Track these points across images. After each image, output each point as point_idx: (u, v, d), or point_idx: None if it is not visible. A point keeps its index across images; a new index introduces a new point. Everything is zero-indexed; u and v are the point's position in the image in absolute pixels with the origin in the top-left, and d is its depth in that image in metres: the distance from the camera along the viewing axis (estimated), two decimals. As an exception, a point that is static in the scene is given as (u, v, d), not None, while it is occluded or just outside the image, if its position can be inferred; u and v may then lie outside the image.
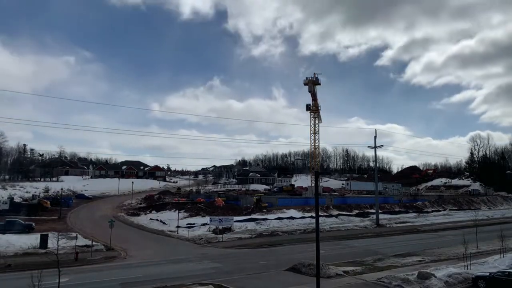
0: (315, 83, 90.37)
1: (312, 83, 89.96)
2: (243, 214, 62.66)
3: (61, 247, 26.25)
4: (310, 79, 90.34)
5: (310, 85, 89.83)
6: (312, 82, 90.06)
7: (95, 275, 27.96)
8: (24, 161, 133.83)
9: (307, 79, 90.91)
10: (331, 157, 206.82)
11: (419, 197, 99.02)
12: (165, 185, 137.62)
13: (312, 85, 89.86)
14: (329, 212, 68.27)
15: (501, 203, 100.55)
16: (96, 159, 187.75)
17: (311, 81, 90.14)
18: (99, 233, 46.85)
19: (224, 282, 25.22)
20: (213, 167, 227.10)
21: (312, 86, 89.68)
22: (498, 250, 34.42)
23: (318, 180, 22.71)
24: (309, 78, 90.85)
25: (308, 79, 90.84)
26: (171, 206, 73.28)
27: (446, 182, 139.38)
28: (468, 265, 28.72)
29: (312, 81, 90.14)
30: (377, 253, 36.42)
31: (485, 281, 24.26)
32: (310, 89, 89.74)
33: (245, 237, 48.39)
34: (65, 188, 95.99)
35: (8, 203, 64.73)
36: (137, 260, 34.63)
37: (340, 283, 25.52)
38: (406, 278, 25.09)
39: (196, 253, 38.30)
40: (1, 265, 30.59)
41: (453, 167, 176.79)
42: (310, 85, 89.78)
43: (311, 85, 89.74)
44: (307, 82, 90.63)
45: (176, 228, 52.93)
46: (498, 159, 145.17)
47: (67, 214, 65.97)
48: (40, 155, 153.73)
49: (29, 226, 47.83)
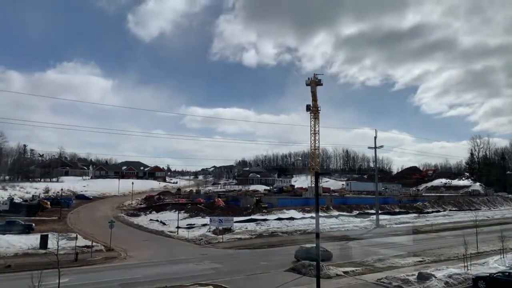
0: (317, 84, 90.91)
1: (315, 84, 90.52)
2: (243, 215, 62.62)
3: (61, 247, 26.11)
4: (313, 80, 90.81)
5: (312, 86, 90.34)
6: (315, 83, 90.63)
7: (95, 275, 27.96)
8: (24, 161, 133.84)
9: (309, 80, 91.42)
10: (331, 158, 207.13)
11: (419, 197, 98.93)
12: (165, 185, 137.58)
13: (314, 85, 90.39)
14: (329, 213, 68.26)
15: (501, 203, 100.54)
16: (96, 160, 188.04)
17: (314, 82, 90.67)
18: (99, 234, 46.80)
19: (224, 282, 25.24)
20: (213, 167, 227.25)
21: (314, 87, 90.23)
22: (498, 251, 34.50)
23: (318, 181, 22.71)
24: (311, 78, 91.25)
25: (310, 79, 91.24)
26: (171, 206, 73.25)
27: (446, 182, 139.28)
28: (468, 265, 28.74)
29: (315, 82, 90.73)
30: (377, 253, 36.38)
31: (485, 282, 24.27)
32: (313, 89, 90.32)
33: (245, 238, 48.35)
34: (65, 188, 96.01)
35: (8, 203, 64.71)
36: (137, 260, 34.61)
37: (340, 284, 25.54)
38: (406, 279, 25.11)
39: (196, 253, 38.28)
40: (1, 266, 30.56)
41: (453, 168, 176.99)
42: (313, 85, 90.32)
43: (314, 86, 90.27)
44: (310, 82, 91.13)
45: (176, 229, 52.85)
46: (498, 159, 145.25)
47: (67, 215, 65.90)
48: (40, 156, 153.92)
49: (29, 226, 47.76)
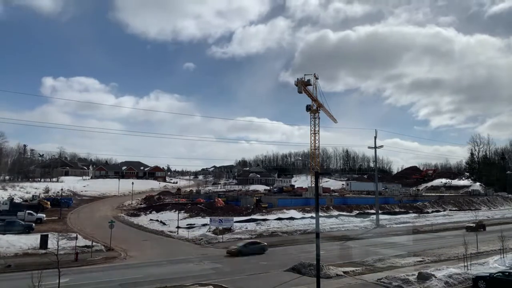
0: (306, 84, 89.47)
1: (302, 84, 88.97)
2: (243, 215, 62.61)
3: (61, 247, 26.18)
4: (300, 80, 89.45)
5: (300, 86, 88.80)
6: (303, 84, 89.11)
7: (95, 275, 27.96)
8: (24, 161, 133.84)
9: (298, 80, 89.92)
10: (331, 158, 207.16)
11: (419, 197, 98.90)
12: (165, 185, 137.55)
13: (302, 86, 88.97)
14: (329, 213, 68.24)
15: (501, 203, 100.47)
16: (96, 160, 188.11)
17: (301, 82, 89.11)
18: (99, 234, 46.80)
19: (224, 282, 25.23)
20: (213, 167, 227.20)
21: (301, 87, 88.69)
22: (498, 251, 34.45)
23: (318, 181, 22.72)
24: (299, 79, 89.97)
25: (298, 80, 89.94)
26: (171, 206, 73.20)
27: (446, 182, 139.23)
28: (468, 265, 28.72)
29: (303, 82, 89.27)
30: (377, 253, 36.36)
31: (485, 282, 24.25)
32: (300, 90, 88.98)
33: (245, 238, 48.23)
34: (65, 188, 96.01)
35: (8, 203, 64.68)
36: (137, 260, 34.62)
37: (340, 284, 25.53)
38: (406, 279, 25.09)
39: (196, 253, 38.27)
40: (1, 266, 30.56)
41: (453, 168, 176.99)
42: (300, 86, 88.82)
43: (301, 86, 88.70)
44: (297, 83, 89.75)
45: (176, 229, 52.87)
46: (498, 159, 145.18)
47: (67, 215, 65.90)
48: (40, 156, 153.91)
49: (29, 226, 47.78)
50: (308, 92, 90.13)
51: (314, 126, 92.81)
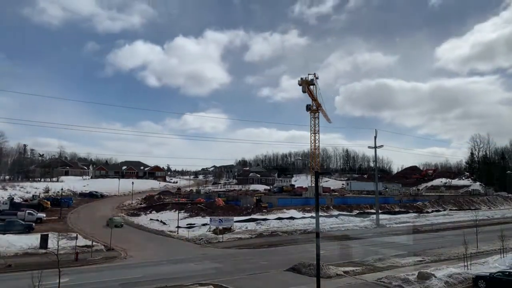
0: (309, 84, 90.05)
1: (306, 84, 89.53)
2: (243, 214, 62.67)
3: (61, 247, 26.14)
4: (304, 80, 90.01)
5: (304, 86, 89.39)
6: (306, 83, 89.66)
7: (95, 275, 27.98)
8: (24, 161, 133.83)
9: (302, 80, 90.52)
10: (331, 157, 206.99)
11: (419, 197, 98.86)
12: (165, 185, 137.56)
13: (306, 85, 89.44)
14: (329, 212, 68.25)
15: (501, 203, 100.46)
16: (96, 159, 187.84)
17: (305, 82, 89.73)
18: (99, 234, 46.86)
19: (224, 282, 25.25)
20: (213, 167, 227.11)
21: (305, 87, 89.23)
22: (498, 250, 34.50)
23: (318, 180, 22.72)
24: (304, 78, 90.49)
25: (302, 79, 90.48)
26: (171, 206, 73.24)
27: (446, 182, 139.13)
28: (468, 265, 28.75)
29: (306, 82, 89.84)
30: (377, 253, 36.40)
31: (485, 281, 24.28)
32: (304, 90, 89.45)
33: (245, 237, 48.39)
34: (65, 188, 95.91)
35: (8, 203, 64.70)
36: (137, 260, 34.64)
37: (341, 283, 25.54)
38: (406, 278, 25.11)
39: (196, 253, 38.32)
40: (2, 265, 30.59)
41: (453, 167, 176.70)
42: (304, 86, 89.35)
43: (305, 86, 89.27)
44: (302, 83, 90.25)
45: (176, 228, 52.91)
46: (498, 159, 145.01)
47: (67, 214, 65.90)
48: (40, 156, 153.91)
49: (29, 226, 47.81)
50: (310, 91, 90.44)
51: (314, 126, 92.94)
